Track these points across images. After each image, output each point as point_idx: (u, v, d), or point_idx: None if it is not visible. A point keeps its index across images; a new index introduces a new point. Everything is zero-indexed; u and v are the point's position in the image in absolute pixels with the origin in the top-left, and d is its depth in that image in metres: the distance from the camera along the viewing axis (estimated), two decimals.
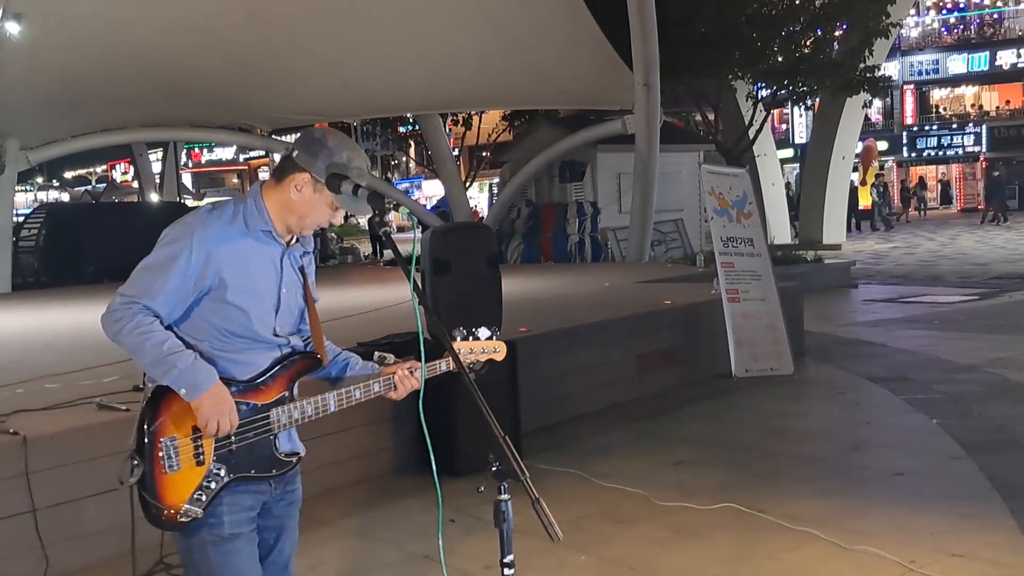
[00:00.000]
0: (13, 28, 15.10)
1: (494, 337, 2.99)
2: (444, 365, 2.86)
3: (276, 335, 2.71)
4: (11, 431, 4.73)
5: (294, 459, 2.77)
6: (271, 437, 2.68)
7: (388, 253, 24.11)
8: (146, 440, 2.54)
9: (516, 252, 19.51)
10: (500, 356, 3.01)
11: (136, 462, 2.53)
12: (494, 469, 2.44)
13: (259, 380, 2.67)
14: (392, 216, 32.57)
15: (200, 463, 2.58)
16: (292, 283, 2.76)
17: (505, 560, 2.49)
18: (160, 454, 2.54)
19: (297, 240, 2.77)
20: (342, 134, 2.73)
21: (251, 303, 2.64)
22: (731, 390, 8.55)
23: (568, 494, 5.72)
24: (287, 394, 2.71)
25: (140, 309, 2.57)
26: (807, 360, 9.67)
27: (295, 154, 2.64)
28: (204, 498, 2.59)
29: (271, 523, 2.83)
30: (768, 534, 4.91)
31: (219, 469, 2.61)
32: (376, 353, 2.98)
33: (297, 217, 2.68)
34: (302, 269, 2.81)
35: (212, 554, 2.64)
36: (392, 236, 2.73)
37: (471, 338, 2.94)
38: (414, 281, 2.59)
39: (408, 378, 2.86)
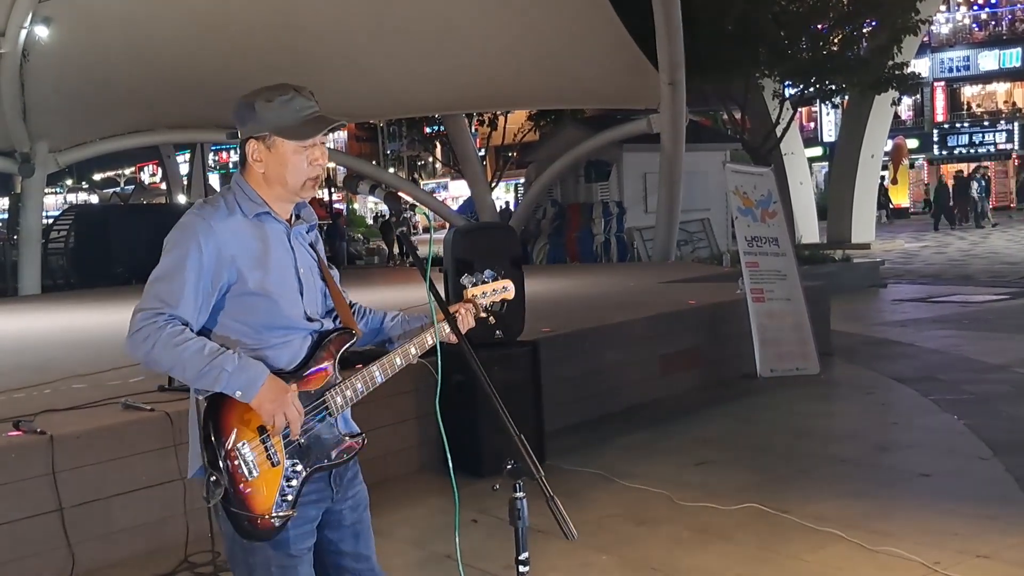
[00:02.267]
0: (42, 32, 15.31)
1: (499, 277, 2.96)
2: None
3: (309, 319, 2.63)
4: (38, 430, 4.78)
5: (359, 439, 2.68)
6: (333, 422, 2.60)
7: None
8: (219, 452, 2.43)
9: (542, 252, 19.53)
10: (510, 294, 3.00)
11: (214, 478, 2.42)
12: (509, 467, 2.44)
13: (305, 367, 2.58)
14: (418, 218, 32.62)
15: (275, 463, 2.49)
16: (307, 262, 2.67)
17: (520, 558, 2.49)
18: (236, 463, 2.44)
19: (299, 217, 2.68)
20: (263, 87, 2.62)
21: (274, 288, 2.54)
22: (756, 390, 8.50)
23: (591, 494, 5.71)
24: (334, 375, 2.62)
25: (166, 319, 2.43)
26: (834, 360, 9.60)
27: (238, 135, 2.61)
28: (290, 498, 2.51)
29: (344, 534, 2.73)
30: (791, 535, 4.88)
31: (295, 465, 2.52)
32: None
33: (280, 184, 2.58)
34: (313, 247, 2.72)
35: (276, 573, 2.56)
36: (410, 236, 2.73)
37: (480, 283, 2.93)
38: (430, 280, 2.59)
39: (466, 316, 2.80)
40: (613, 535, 5.03)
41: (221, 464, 2.43)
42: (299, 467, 2.53)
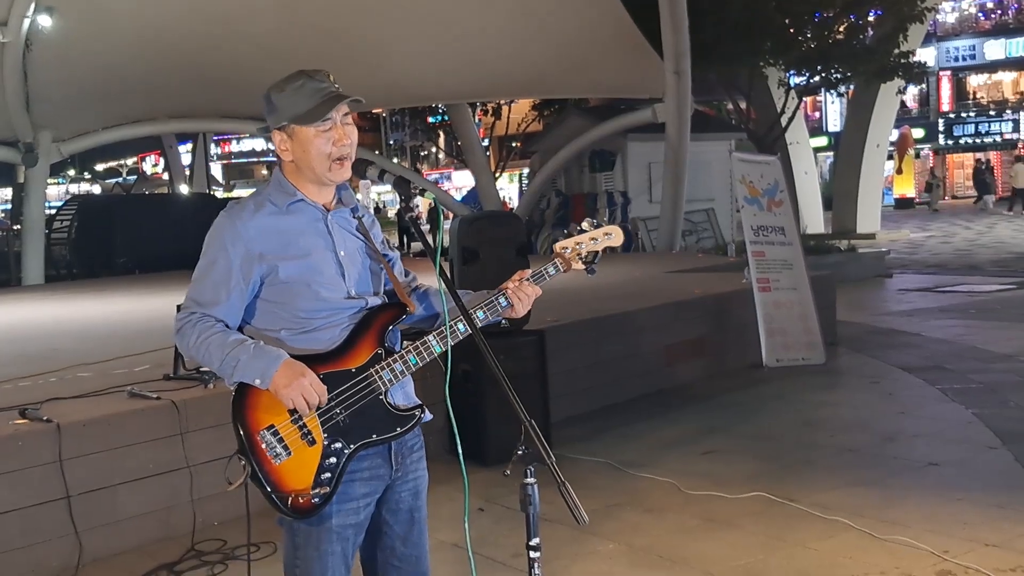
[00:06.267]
0: (45, 21, 15.28)
1: (602, 224, 2.81)
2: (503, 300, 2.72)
3: (352, 297, 2.63)
4: (44, 419, 4.78)
5: (417, 412, 2.67)
6: (381, 397, 2.59)
7: (417, 245, 24.25)
8: (244, 438, 2.50)
9: (546, 243, 19.50)
10: (617, 240, 2.85)
11: (243, 461, 2.48)
12: (520, 453, 2.42)
13: (346, 345, 2.59)
14: (420, 204, 32.61)
15: (312, 443, 2.51)
16: (350, 243, 2.67)
17: (531, 543, 2.48)
18: (262, 447, 2.49)
19: (340, 201, 2.69)
20: (288, 75, 2.65)
21: (308, 275, 2.57)
22: (762, 380, 8.47)
23: (598, 483, 5.70)
24: (382, 351, 2.60)
25: (199, 318, 2.56)
26: (840, 350, 9.57)
27: (268, 129, 2.65)
28: (331, 476, 2.52)
29: (401, 518, 2.75)
30: (799, 523, 4.87)
31: (336, 443, 2.53)
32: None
33: (310, 168, 2.60)
34: (361, 229, 2.71)
35: (312, 546, 2.59)
36: (419, 223, 2.71)
37: (575, 234, 2.80)
38: (440, 266, 2.56)
39: (521, 288, 2.72)
40: (620, 523, 5.02)
41: (248, 448, 2.49)
42: (340, 445, 2.54)
